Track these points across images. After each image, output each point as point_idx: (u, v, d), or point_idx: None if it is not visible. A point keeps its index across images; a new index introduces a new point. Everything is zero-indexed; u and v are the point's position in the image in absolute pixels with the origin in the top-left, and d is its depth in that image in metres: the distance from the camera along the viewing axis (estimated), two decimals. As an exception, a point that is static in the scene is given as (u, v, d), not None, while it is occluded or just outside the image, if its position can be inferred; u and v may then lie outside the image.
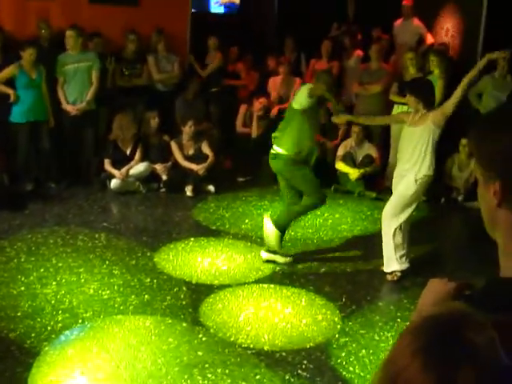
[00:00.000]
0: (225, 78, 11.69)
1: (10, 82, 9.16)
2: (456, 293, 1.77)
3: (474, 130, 1.58)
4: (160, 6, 10.76)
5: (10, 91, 9.06)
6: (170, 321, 5.86)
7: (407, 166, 6.78)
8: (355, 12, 12.90)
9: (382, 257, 7.27)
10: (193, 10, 11.78)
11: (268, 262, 7.26)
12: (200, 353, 5.34)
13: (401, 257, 6.89)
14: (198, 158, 9.85)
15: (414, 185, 6.75)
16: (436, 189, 9.84)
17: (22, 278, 6.54)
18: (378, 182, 10.23)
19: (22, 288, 6.34)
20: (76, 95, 9.61)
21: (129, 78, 10.43)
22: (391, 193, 7.74)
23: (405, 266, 6.91)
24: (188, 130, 9.86)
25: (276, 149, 7.17)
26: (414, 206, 6.84)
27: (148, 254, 7.40)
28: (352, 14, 12.93)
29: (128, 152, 9.72)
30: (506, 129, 1.49)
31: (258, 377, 5.06)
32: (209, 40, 11.55)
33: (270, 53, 12.09)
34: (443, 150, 9.63)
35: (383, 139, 10.62)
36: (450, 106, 6.77)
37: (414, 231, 8.73)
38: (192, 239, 7.93)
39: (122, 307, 6.08)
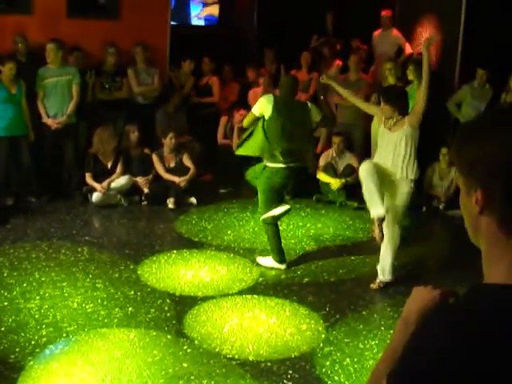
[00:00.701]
0: (196, 93, 11.57)
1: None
2: (441, 300, 1.80)
3: (454, 138, 1.60)
4: (140, 19, 10.76)
5: None
6: (154, 333, 5.86)
7: (393, 170, 6.83)
8: (334, 24, 12.96)
9: (364, 266, 7.32)
10: (173, 23, 11.80)
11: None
12: (185, 364, 5.34)
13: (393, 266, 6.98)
14: (180, 170, 9.86)
15: (409, 190, 6.88)
16: (417, 198, 9.91)
17: (5, 293, 6.51)
18: (359, 192, 10.24)
19: (5, 303, 6.30)
20: (56, 109, 9.59)
21: (109, 92, 10.42)
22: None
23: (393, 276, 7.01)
24: (169, 142, 9.87)
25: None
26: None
27: (131, 266, 7.39)
28: (331, 26, 12.99)
29: (109, 165, 9.71)
30: (487, 136, 1.51)
31: (243, 387, 5.06)
32: (184, 62, 11.49)
33: (250, 64, 12.11)
34: (423, 158, 9.72)
35: (364, 149, 10.67)
36: (419, 103, 6.86)
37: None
38: (175, 251, 7.93)
39: (106, 320, 6.07)
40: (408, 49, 11.60)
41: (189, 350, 5.60)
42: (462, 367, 1.37)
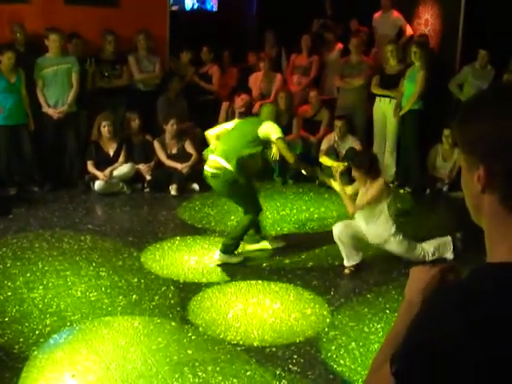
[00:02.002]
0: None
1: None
2: (441, 276, 1.78)
3: (456, 117, 1.58)
4: (139, 6, 10.70)
5: None
6: (158, 320, 5.84)
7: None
8: (333, 6, 12.89)
9: (368, 249, 7.30)
10: (173, 8, 11.74)
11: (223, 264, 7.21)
12: (190, 351, 5.33)
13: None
14: (182, 156, 9.83)
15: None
16: (421, 180, 9.89)
17: (9, 283, 6.50)
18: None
19: (9, 293, 6.29)
20: (56, 98, 9.55)
21: (109, 79, 10.37)
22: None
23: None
24: (170, 128, 9.84)
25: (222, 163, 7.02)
26: None
27: (134, 254, 7.37)
28: (330, 8, 12.91)
29: (111, 153, 9.68)
30: (488, 113, 1.50)
31: (248, 373, 5.05)
32: (181, 53, 11.43)
33: (250, 49, 12.05)
34: (427, 140, 9.72)
35: (366, 132, 10.64)
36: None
37: (399, 223, 8.78)
38: (178, 238, 7.91)
39: (110, 308, 6.06)
40: (409, 30, 11.53)
41: (193, 337, 5.58)
42: (467, 346, 1.36)
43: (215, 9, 14.60)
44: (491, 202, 1.50)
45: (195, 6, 14.67)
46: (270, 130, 6.90)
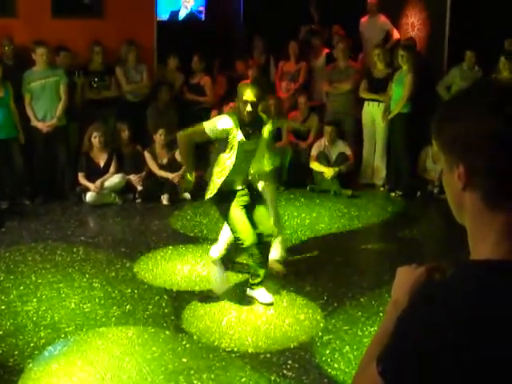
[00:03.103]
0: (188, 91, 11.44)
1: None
2: (427, 276, 1.79)
3: (433, 117, 1.60)
4: (125, 17, 10.72)
5: None
6: (152, 330, 5.85)
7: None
8: (319, 11, 12.92)
9: (360, 253, 7.32)
10: (159, 19, 11.77)
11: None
12: (184, 359, 5.34)
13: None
14: (173, 166, 9.84)
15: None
16: (411, 183, 9.93)
17: (2, 297, 6.49)
18: (353, 180, 10.29)
19: (3, 307, 6.29)
20: (45, 111, 9.54)
21: (98, 91, 10.38)
22: (367, 190, 7.69)
23: None
24: (159, 138, 9.86)
25: None
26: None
27: (127, 264, 7.38)
28: (317, 14, 12.95)
29: (102, 164, 9.68)
30: (464, 111, 1.51)
31: (243, 379, 5.06)
32: (168, 59, 11.43)
33: (239, 57, 12.06)
34: (416, 143, 9.75)
35: (355, 137, 10.67)
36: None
37: (391, 226, 8.82)
38: (171, 247, 7.92)
39: (104, 319, 6.06)
40: (396, 34, 11.58)
41: (188, 345, 5.59)
42: (451, 345, 1.38)
43: (203, 17, 14.60)
44: (473, 199, 1.51)
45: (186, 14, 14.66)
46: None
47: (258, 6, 13.36)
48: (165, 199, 9.55)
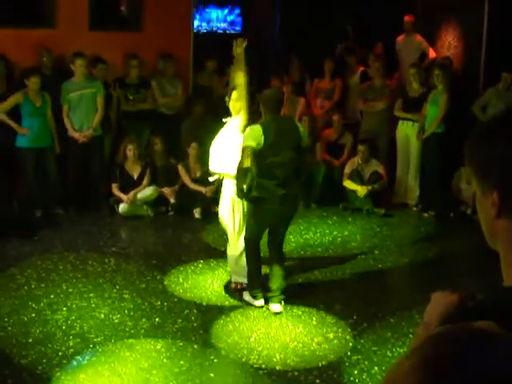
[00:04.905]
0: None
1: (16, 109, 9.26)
2: (460, 304, 1.76)
3: (468, 141, 1.57)
4: (163, 30, 10.79)
5: (14, 125, 9.17)
6: (181, 343, 5.85)
7: None
8: (355, 29, 12.92)
9: (392, 273, 7.27)
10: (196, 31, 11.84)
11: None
12: (212, 374, 5.33)
13: None
14: (206, 180, 9.84)
15: None
16: (444, 203, 9.85)
17: (33, 305, 6.54)
18: (386, 199, 10.23)
19: (33, 314, 6.34)
20: (81, 122, 9.64)
21: (133, 103, 10.46)
22: (400, 209, 7.64)
23: None
24: (192, 151, 9.88)
25: None
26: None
27: (158, 277, 7.40)
28: (352, 32, 12.94)
29: (135, 176, 9.74)
30: (501, 136, 1.48)
31: (270, 397, 5.04)
32: (208, 63, 11.48)
33: (274, 73, 12.07)
34: (450, 163, 9.68)
35: (389, 155, 10.62)
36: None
37: (423, 246, 8.75)
38: (202, 261, 7.92)
39: (132, 331, 6.08)
40: (432, 53, 11.54)
41: (215, 360, 5.59)
42: (481, 371, 1.35)
43: (240, 29, 14.68)
44: (506, 227, 1.49)
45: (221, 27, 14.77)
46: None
47: (295, 23, 13.39)
48: (197, 213, 9.57)
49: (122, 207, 9.52)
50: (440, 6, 11.93)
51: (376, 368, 5.50)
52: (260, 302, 6.65)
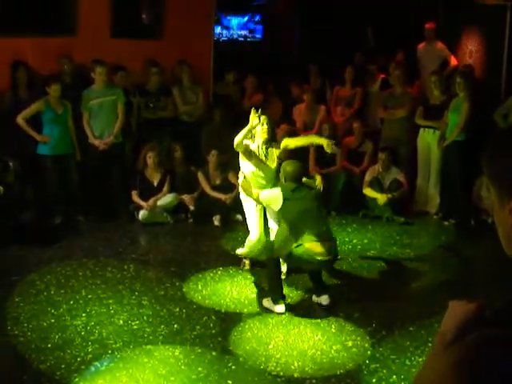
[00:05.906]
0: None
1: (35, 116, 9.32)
2: (477, 313, 1.75)
3: (485, 149, 1.56)
4: (184, 38, 10.85)
5: (32, 132, 9.24)
6: (199, 350, 5.85)
7: None
8: (375, 37, 12.92)
9: (412, 281, 7.22)
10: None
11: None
12: (230, 381, 5.32)
13: None
14: (225, 187, 9.87)
15: None
16: (465, 211, 9.78)
17: (52, 311, 6.57)
18: (406, 207, 10.18)
19: (52, 320, 6.36)
20: (102, 129, 9.69)
21: (154, 111, 10.50)
22: (420, 217, 7.56)
23: None
24: (212, 159, 9.89)
25: None
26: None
27: (177, 283, 7.40)
28: (372, 40, 12.94)
29: (155, 183, 9.77)
30: None
31: (288, 404, 5.02)
32: (227, 75, 11.55)
33: (294, 80, 12.09)
34: (471, 171, 9.62)
35: (410, 163, 10.58)
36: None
37: (443, 254, 8.69)
38: (221, 268, 7.92)
39: (151, 337, 6.08)
40: (453, 61, 11.50)
41: (234, 367, 5.58)
42: (500, 381, 1.34)
43: (260, 36, 14.74)
44: None
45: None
46: None
47: (315, 31, 13.40)
48: (216, 220, 9.58)
49: (141, 214, 9.55)
50: (461, 14, 11.89)
51: (394, 377, 5.46)
52: (281, 308, 6.65)
